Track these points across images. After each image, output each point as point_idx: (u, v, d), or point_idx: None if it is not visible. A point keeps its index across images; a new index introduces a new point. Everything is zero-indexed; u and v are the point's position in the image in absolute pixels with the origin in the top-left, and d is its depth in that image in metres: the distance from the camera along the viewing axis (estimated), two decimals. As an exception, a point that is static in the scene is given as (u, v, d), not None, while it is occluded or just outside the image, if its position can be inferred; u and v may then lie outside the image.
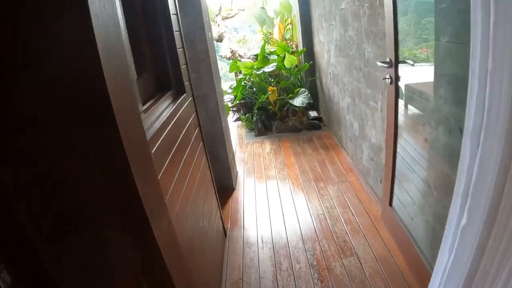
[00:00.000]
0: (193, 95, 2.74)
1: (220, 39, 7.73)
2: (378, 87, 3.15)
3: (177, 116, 2.13)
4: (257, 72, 5.88)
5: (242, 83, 6.00)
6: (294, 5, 6.69)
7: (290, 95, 5.50)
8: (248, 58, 6.77)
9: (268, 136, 5.75)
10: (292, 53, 6.33)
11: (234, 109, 6.44)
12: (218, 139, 3.87)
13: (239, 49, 7.05)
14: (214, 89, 3.61)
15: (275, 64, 5.68)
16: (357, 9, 3.44)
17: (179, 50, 2.49)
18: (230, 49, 7.03)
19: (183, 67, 2.54)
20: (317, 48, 5.71)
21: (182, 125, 2.27)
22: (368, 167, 3.77)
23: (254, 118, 5.98)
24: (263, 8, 7.77)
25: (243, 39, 10.61)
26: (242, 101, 6.15)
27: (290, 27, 7.89)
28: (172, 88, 2.38)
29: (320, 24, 5.23)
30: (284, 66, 5.66)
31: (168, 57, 2.34)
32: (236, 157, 5.13)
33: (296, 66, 5.92)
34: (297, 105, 5.25)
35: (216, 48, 8.08)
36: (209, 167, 2.98)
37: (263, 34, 8.39)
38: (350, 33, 3.81)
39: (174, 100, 2.28)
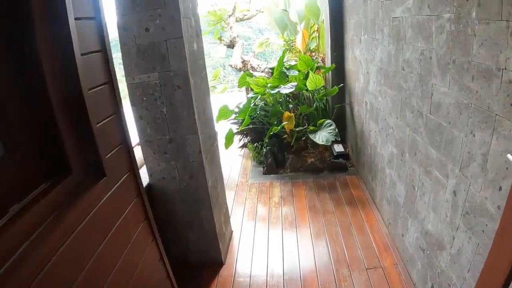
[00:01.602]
0: (131, 170, 1.52)
1: (231, 45, 6.52)
2: (456, 155, 1.90)
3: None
4: (272, 92, 4.63)
5: (252, 104, 4.75)
6: (323, 9, 5.41)
7: (312, 128, 4.22)
8: (262, 71, 5.53)
9: (279, 177, 4.49)
10: (318, 68, 5.06)
11: (241, 133, 5.20)
12: (201, 202, 2.65)
13: (252, 60, 5.80)
14: (196, 130, 2.39)
15: (295, 84, 4.42)
16: (427, 21, 2.18)
17: (97, 90, 1.28)
18: (242, 58, 5.80)
19: (109, 119, 1.34)
20: (350, 66, 4.42)
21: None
22: (414, 255, 2.55)
23: (264, 150, 4.74)
24: (285, 10, 6.52)
25: (266, 41, 9.49)
26: (251, 126, 4.92)
27: (317, 35, 6.60)
28: (73, 172, 1.17)
29: (357, 35, 3.95)
30: (306, 87, 4.39)
31: (60, 110, 1.14)
32: (234, 205, 3.89)
33: (323, 88, 4.65)
34: (320, 142, 3.98)
35: (227, 55, 6.91)
36: None
37: (284, 41, 7.15)
38: (407, 55, 2.54)
39: (75, 196, 1.08)
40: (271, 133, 4.41)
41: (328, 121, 4.16)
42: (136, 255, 1.54)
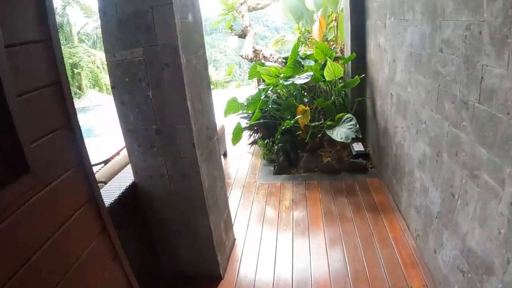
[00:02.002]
0: (79, 165, 1.12)
1: (243, 35, 6.09)
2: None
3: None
4: (285, 83, 4.19)
5: (263, 96, 4.32)
6: (342, -5, 4.95)
7: (329, 123, 3.76)
8: (275, 61, 5.08)
9: (291, 177, 4.05)
10: (336, 59, 4.59)
11: (250, 128, 4.77)
12: (195, 206, 2.24)
13: (265, 49, 5.35)
14: (189, 120, 1.97)
15: (311, 74, 3.97)
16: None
17: (34, 95, 0.88)
18: (253, 47, 5.37)
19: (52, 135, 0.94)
20: (373, 55, 3.94)
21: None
22: (449, 277, 2.16)
23: (276, 147, 4.30)
24: (301, -2, 6.07)
25: (281, 39, 9.17)
26: (261, 120, 4.49)
27: (335, 24, 6.13)
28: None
29: (382, 20, 3.47)
30: (323, 77, 3.93)
31: None
32: (239, 208, 3.47)
33: (341, 79, 4.18)
34: (338, 139, 3.52)
35: (238, 47, 6.50)
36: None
37: (299, 33, 6.70)
38: (446, 34, 2.08)
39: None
40: (283, 128, 3.97)
41: (348, 115, 3.69)
42: (87, 280, 1.14)
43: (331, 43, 5.62)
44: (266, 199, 3.64)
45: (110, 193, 2.04)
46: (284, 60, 5.04)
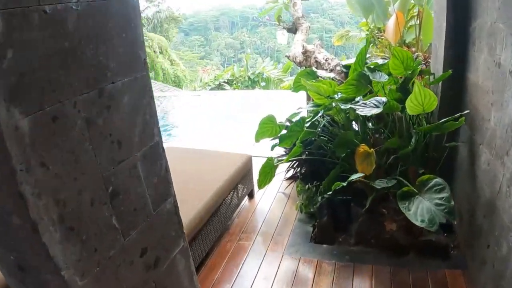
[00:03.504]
0: None
1: (293, 28, 4.72)
2: None
3: None
4: (342, 106, 2.82)
5: (308, 124, 2.96)
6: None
7: (406, 189, 2.30)
8: (331, 70, 3.67)
9: (335, 251, 2.73)
10: (420, 73, 3.12)
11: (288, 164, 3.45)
12: None
13: (318, 51, 3.93)
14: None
15: (383, 100, 2.54)
16: None
17: None
18: (304, 48, 3.99)
19: None
20: (481, 78, 2.42)
21: None
22: None
23: (319, 199, 2.95)
24: (374, -16, 4.59)
25: (346, 34, 7.78)
26: (304, 156, 3.15)
27: (417, 22, 4.56)
28: None
29: (508, 21, 1.97)
30: (404, 109, 2.50)
31: None
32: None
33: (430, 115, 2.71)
34: (418, 222, 2.09)
35: (288, 42, 5.11)
36: None
37: (366, 30, 5.21)
38: None
39: None
40: (332, 188, 2.60)
41: (438, 181, 2.21)
42: None
43: (411, 48, 4.09)
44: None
45: None
46: (344, 70, 3.62)
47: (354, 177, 2.40)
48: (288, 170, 3.68)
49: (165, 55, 22.11)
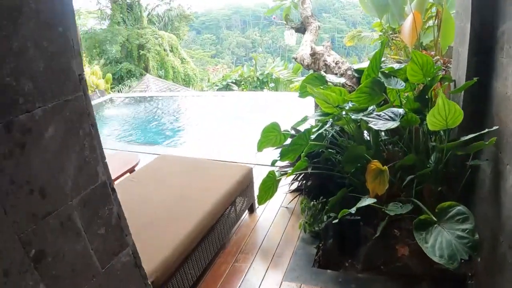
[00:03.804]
0: None
1: (302, 28, 4.42)
2: None
3: None
4: (353, 117, 2.53)
5: (313, 136, 2.67)
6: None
7: (424, 217, 2.00)
8: (342, 74, 3.37)
9: (340, 278, 2.43)
10: (441, 80, 2.81)
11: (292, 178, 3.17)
12: None
13: (327, 53, 3.62)
14: None
15: (400, 112, 2.24)
16: None
17: None
18: (312, 49, 3.69)
19: None
20: (509, 87, 2.09)
21: None
22: None
23: (325, 218, 2.66)
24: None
25: (358, 34, 7.49)
26: (309, 170, 2.87)
27: (436, 23, 4.23)
28: None
29: None
30: (423, 121, 2.21)
31: None
32: None
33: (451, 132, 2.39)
34: (436, 258, 1.79)
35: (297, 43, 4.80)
36: None
37: (379, 31, 4.91)
38: None
39: None
40: (338, 216, 2.30)
41: (461, 209, 1.89)
42: None
43: (432, 52, 3.76)
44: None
45: None
46: (356, 75, 3.31)
47: (364, 203, 2.10)
48: (293, 183, 3.40)
49: (175, 53, 21.98)
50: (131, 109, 9.56)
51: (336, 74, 3.46)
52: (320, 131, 2.65)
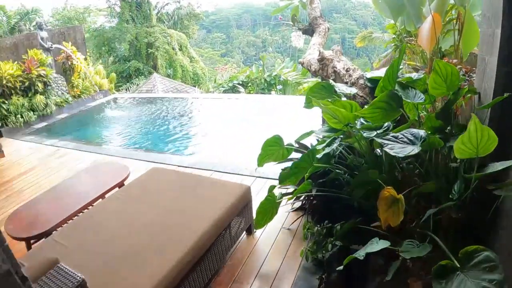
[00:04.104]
0: None
1: (310, 30, 4.11)
2: None
3: None
4: (365, 135, 2.22)
5: (319, 155, 2.36)
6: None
7: (445, 262, 1.68)
8: (353, 83, 3.05)
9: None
10: (469, 92, 2.48)
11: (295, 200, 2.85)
12: None
13: (337, 59, 3.30)
14: None
15: (420, 135, 1.91)
16: None
17: None
18: (320, 54, 3.37)
19: None
20: None
21: None
22: None
23: (329, 247, 2.36)
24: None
25: (369, 35, 7.26)
26: (313, 192, 2.56)
27: (456, 27, 3.88)
28: None
29: None
30: (447, 142, 1.89)
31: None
32: None
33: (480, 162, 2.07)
34: None
35: (302, 45, 4.47)
36: None
37: (393, 33, 4.60)
38: None
39: None
40: (344, 263, 1.98)
41: (489, 255, 1.56)
42: None
43: (454, 60, 3.41)
44: None
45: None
46: (368, 85, 2.98)
47: (376, 248, 1.79)
48: (295, 202, 3.10)
49: (184, 52, 21.81)
50: (133, 111, 9.31)
51: (346, 82, 3.14)
52: (326, 151, 2.33)
